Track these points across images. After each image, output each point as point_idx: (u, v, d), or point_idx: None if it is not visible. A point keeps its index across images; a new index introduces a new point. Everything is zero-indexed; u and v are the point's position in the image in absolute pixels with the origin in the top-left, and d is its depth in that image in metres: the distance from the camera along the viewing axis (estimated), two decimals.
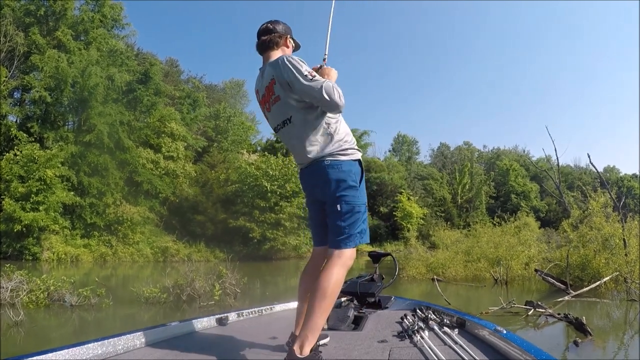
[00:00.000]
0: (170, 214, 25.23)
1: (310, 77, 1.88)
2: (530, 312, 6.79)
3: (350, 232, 1.93)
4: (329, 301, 1.80)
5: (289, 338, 2.05)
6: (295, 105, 1.95)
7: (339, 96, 1.88)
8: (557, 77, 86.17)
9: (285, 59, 1.94)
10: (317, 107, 1.95)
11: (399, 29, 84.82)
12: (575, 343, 5.05)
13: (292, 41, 2.20)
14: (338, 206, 1.93)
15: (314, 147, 1.97)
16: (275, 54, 2.09)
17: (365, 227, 2.00)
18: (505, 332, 1.90)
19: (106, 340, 1.93)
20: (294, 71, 1.89)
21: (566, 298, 8.52)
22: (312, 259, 2.21)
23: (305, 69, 1.91)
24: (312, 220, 2.22)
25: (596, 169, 13.03)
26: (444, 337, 2.09)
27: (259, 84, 2.13)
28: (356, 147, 2.04)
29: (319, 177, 1.98)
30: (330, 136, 1.97)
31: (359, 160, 2.02)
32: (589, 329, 5.49)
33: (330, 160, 1.96)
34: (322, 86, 1.85)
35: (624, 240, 10.01)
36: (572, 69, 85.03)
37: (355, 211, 1.94)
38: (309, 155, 1.98)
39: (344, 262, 1.90)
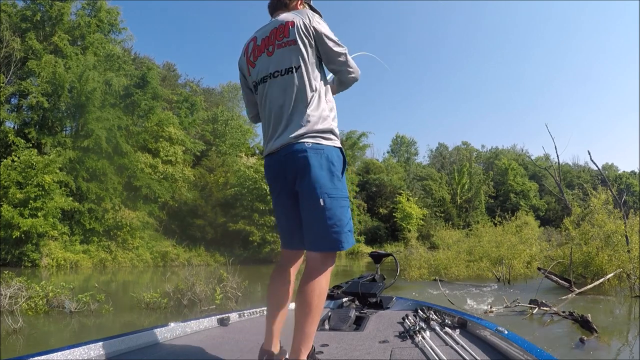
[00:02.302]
0: (170, 219, 25.16)
1: (338, 40, 1.76)
2: (534, 311, 6.75)
3: (340, 231, 1.64)
4: (318, 312, 1.62)
5: (260, 353, 1.79)
6: (309, 59, 1.71)
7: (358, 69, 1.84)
8: (555, 77, 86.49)
9: (314, 15, 1.77)
10: (324, 73, 1.79)
11: (399, 29, 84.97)
12: (582, 341, 5.00)
13: (307, 7, 1.96)
14: (321, 200, 1.63)
15: (302, 119, 1.68)
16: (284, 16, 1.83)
17: (352, 225, 1.74)
18: (506, 332, 1.88)
19: (107, 341, 1.92)
20: (325, 27, 1.74)
21: (570, 296, 8.47)
22: (283, 264, 1.88)
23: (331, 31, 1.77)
24: (284, 218, 1.84)
25: (597, 166, 13.02)
26: (446, 337, 2.08)
27: (261, 30, 1.85)
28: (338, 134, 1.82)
29: (297, 162, 1.66)
30: (322, 112, 1.71)
31: (341, 149, 1.77)
32: (595, 327, 5.44)
33: (312, 143, 1.67)
34: (346, 52, 1.78)
35: (626, 236, 9.98)
36: (569, 69, 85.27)
37: (341, 205, 1.67)
38: (293, 129, 1.68)
39: (329, 267, 1.67)
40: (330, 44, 1.74)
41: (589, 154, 23.43)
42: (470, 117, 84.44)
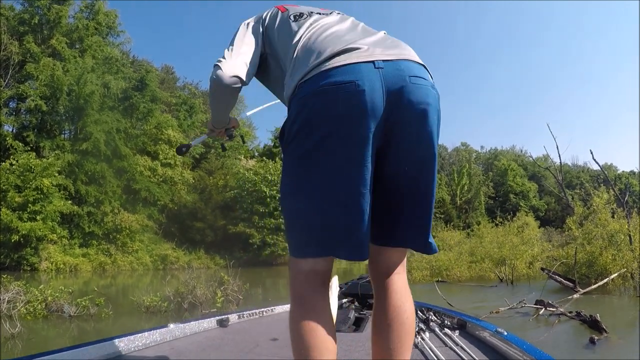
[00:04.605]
0: (169, 221, 25.09)
1: None
2: (541, 312, 6.67)
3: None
4: None
5: None
6: None
7: None
8: (553, 77, 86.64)
9: None
10: None
11: (398, 28, 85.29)
12: (592, 341, 4.92)
13: None
14: (435, 169, 1.06)
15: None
16: None
17: None
18: (506, 333, 1.88)
19: (106, 342, 1.91)
20: None
21: (575, 296, 8.40)
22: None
23: None
24: (363, 184, 1.00)
25: (599, 165, 13.02)
26: (445, 338, 2.08)
27: None
28: None
29: (427, 96, 1.04)
30: None
31: None
32: (604, 327, 5.36)
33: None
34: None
35: (629, 236, 9.92)
36: (569, 70, 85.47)
37: None
38: (407, 47, 1.09)
39: None
40: None
41: (591, 153, 23.44)
42: (470, 118, 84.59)
